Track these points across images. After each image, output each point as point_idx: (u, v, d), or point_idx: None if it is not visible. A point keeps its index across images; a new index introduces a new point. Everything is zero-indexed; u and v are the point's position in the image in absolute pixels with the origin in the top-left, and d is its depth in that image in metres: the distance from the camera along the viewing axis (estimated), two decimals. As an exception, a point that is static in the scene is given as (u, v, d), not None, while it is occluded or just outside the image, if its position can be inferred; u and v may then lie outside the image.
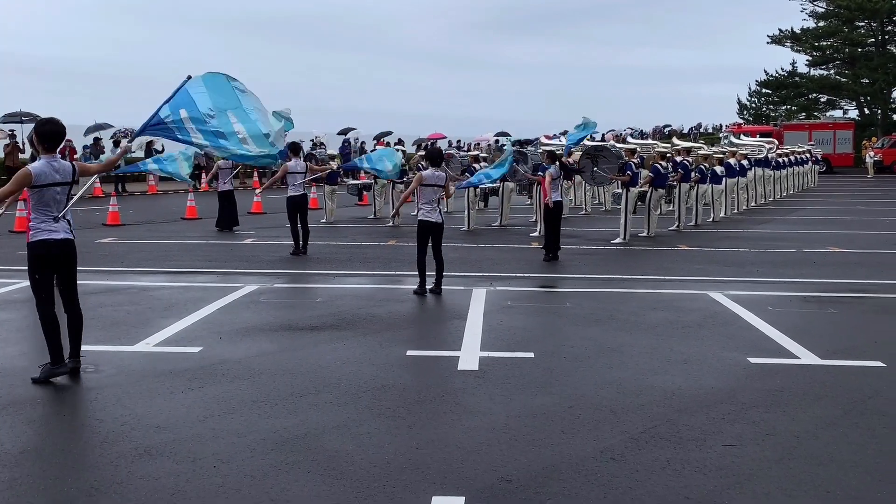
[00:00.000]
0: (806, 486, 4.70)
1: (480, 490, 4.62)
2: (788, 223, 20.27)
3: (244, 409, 6.00)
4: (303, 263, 13.36)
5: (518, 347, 7.76)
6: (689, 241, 16.33)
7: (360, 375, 6.84)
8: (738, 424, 5.71)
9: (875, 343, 8.09)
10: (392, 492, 4.59)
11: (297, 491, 4.60)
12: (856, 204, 26.08)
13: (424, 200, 10.69)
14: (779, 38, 58.02)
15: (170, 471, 4.87)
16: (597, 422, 5.75)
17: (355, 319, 9.00)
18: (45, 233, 6.64)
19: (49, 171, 6.59)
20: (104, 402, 6.23)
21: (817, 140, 44.27)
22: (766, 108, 62.33)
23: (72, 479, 4.79)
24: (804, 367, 7.19)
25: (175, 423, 5.69)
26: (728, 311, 9.46)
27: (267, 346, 7.82)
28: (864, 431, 5.60)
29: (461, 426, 5.69)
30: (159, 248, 15.35)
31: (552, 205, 13.58)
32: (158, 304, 9.88)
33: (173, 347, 7.77)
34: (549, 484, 4.70)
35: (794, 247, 15.42)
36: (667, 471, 4.88)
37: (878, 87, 53.41)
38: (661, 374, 6.91)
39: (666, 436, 5.46)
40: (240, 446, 5.25)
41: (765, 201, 26.20)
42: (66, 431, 5.73)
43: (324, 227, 18.97)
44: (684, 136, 59.74)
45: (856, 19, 54.81)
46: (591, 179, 20.51)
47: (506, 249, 15.22)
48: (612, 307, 9.74)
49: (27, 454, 5.19)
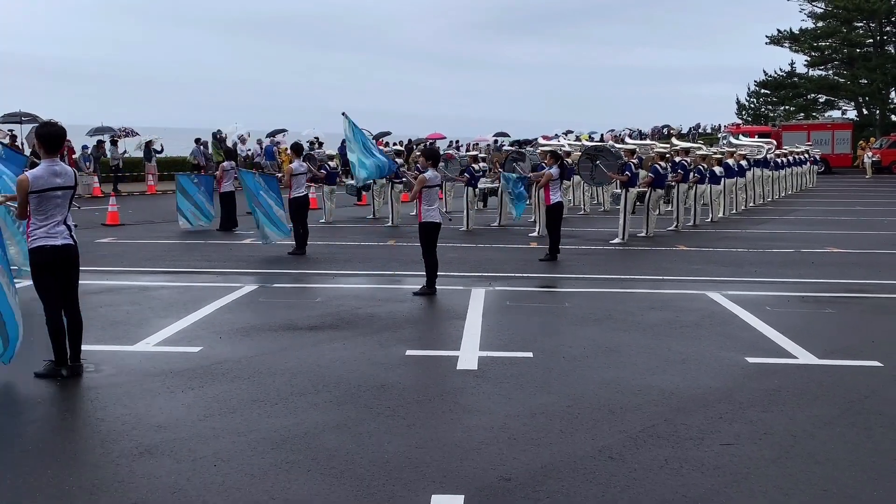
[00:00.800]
0: (803, 484, 4.73)
1: (479, 489, 4.64)
2: (787, 223, 20.31)
3: (244, 408, 6.03)
4: (302, 263, 13.38)
5: (517, 347, 7.79)
6: (687, 242, 16.36)
7: (359, 375, 6.87)
8: (736, 424, 5.73)
9: (872, 343, 8.12)
10: (392, 490, 4.61)
11: (296, 490, 4.63)
12: (854, 204, 26.12)
13: (428, 201, 10.71)
14: (777, 39, 58.07)
15: (170, 469, 4.89)
16: (595, 421, 5.78)
17: (355, 319, 9.02)
18: (43, 239, 6.61)
19: (48, 175, 6.56)
20: (104, 401, 6.26)
21: (816, 140, 44.30)
22: (765, 108, 62.38)
23: (73, 477, 4.81)
24: (802, 367, 7.22)
25: (175, 423, 5.72)
26: (726, 311, 9.49)
27: (267, 346, 7.85)
28: (861, 431, 5.63)
29: (460, 425, 5.71)
30: (159, 247, 15.37)
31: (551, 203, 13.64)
32: (158, 303, 9.90)
33: (173, 347, 7.80)
34: (548, 483, 4.72)
35: (793, 247, 15.45)
36: (665, 470, 4.91)
37: (876, 87, 53.46)
38: (659, 374, 6.94)
39: (664, 435, 5.49)
40: (240, 445, 5.28)
41: (763, 202, 26.23)
42: (66, 431, 5.75)
43: (323, 227, 18.99)
44: (683, 136, 59.80)
45: (854, 20, 54.86)
46: (590, 180, 20.55)
47: (505, 249, 15.24)
48: (611, 307, 9.77)
49: (28, 453, 5.21)
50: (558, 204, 13.92)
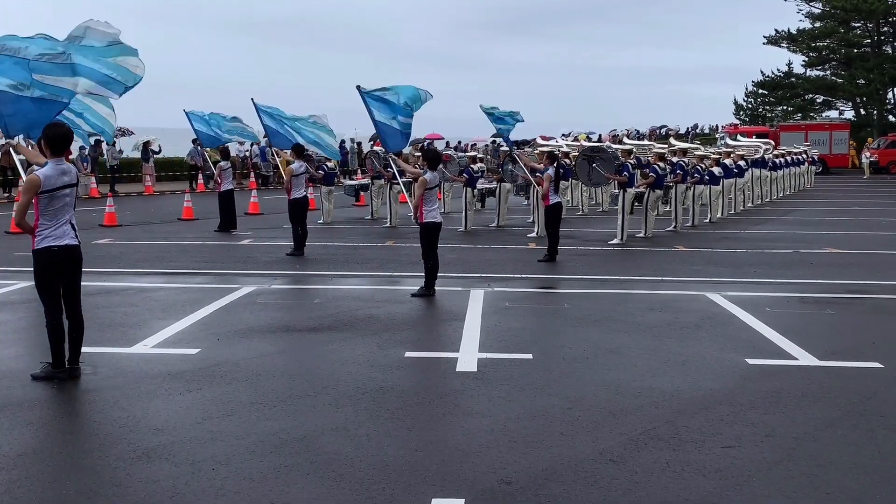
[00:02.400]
0: (805, 487, 4.70)
1: (480, 492, 4.61)
2: (785, 224, 20.30)
3: (242, 410, 5.99)
4: (300, 264, 13.35)
5: (516, 349, 7.76)
6: (686, 242, 16.34)
7: (358, 377, 6.84)
8: (737, 426, 5.71)
9: (873, 344, 8.10)
10: (391, 494, 4.58)
11: (295, 493, 4.59)
12: (852, 205, 26.12)
13: (429, 203, 10.68)
14: (775, 39, 58.11)
15: (168, 473, 4.86)
16: (596, 423, 5.75)
17: (353, 321, 8.99)
18: (50, 239, 6.59)
19: (57, 174, 6.60)
20: (102, 404, 6.22)
21: (813, 141, 44.33)
22: (763, 108, 62.40)
23: (70, 481, 4.78)
24: (802, 369, 7.19)
25: (173, 426, 5.68)
26: (726, 312, 9.46)
27: (265, 348, 7.81)
28: (863, 433, 5.61)
29: (460, 428, 5.68)
30: (156, 248, 15.32)
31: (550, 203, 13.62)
32: (156, 305, 9.86)
33: (171, 349, 7.76)
34: (549, 486, 4.69)
35: (792, 247, 15.43)
36: (666, 472, 4.88)
37: (873, 87, 53.50)
38: (659, 376, 6.91)
39: (665, 437, 5.46)
40: (238, 448, 5.24)
41: (761, 202, 26.23)
42: (64, 433, 5.72)
43: (321, 227, 18.95)
44: (681, 136, 59.82)
45: (852, 20, 54.90)
46: (587, 180, 20.52)
47: (503, 250, 15.21)
48: (610, 308, 9.74)
49: (25, 457, 5.17)
50: (557, 205, 13.89)
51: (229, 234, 17.69)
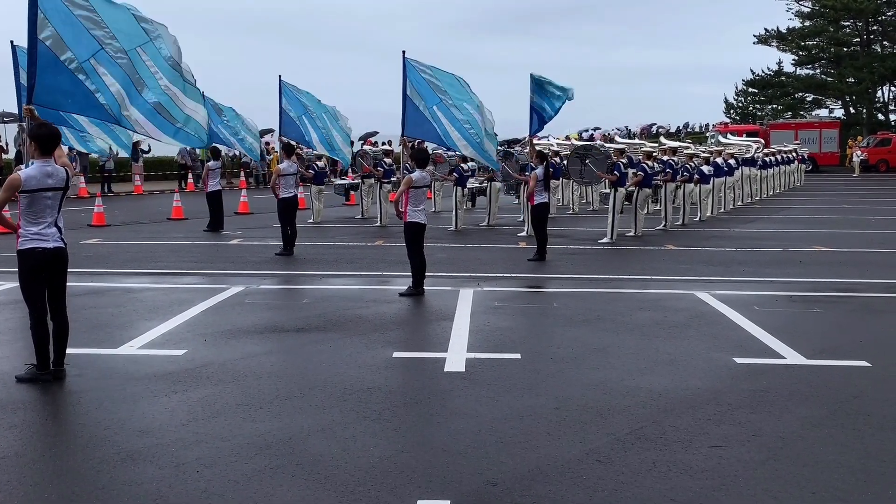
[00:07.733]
0: (792, 487, 4.70)
1: (466, 493, 4.59)
2: (775, 222, 20.35)
3: (228, 412, 5.96)
4: (289, 264, 13.31)
5: (505, 348, 7.74)
6: (676, 241, 16.36)
7: (345, 378, 6.81)
8: (724, 425, 5.70)
9: (860, 343, 8.11)
10: (377, 496, 4.56)
11: (281, 496, 4.57)
12: (842, 203, 26.21)
13: (415, 202, 10.64)
14: (765, 38, 58.32)
15: (153, 476, 4.82)
16: (583, 423, 5.74)
17: (342, 321, 8.96)
18: (34, 241, 6.53)
19: (40, 175, 6.51)
20: (87, 405, 6.18)
21: (803, 139, 44.50)
22: (753, 107, 62.63)
23: (53, 484, 4.74)
24: (790, 368, 7.20)
25: (158, 428, 5.64)
26: (714, 311, 9.47)
27: (252, 349, 7.77)
28: (850, 432, 5.61)
29: (447, 428, 5.66)
30: (144, 249, 15.26)
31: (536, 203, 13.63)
32: (143, 306, 9.81)
33: (157, 350, 7.71)
34: (535, 487, 4.68)
35: (781, 246, 15.46)
36: (653, 473, 4.87)
37: (863, 86, 53.76)
38: (647, 375, 6.90)
39: (652, 437, 5.45)
40: (224, 451, 5.21)
41: (751, 200, 26.30)
42: (47, 436, 5.67)
43: (311, 227, 18.90)
44: (672, 135, 59.93)
45: (841, 19, 55.16)
46: (579, 179, 20.54)
47: (493, 250, 15.20)
48: (599, 307, 9.74)
49: (7, 459, 5.13)
50: (543, 204, 13.86)
51: (218, 233, 17.62)
